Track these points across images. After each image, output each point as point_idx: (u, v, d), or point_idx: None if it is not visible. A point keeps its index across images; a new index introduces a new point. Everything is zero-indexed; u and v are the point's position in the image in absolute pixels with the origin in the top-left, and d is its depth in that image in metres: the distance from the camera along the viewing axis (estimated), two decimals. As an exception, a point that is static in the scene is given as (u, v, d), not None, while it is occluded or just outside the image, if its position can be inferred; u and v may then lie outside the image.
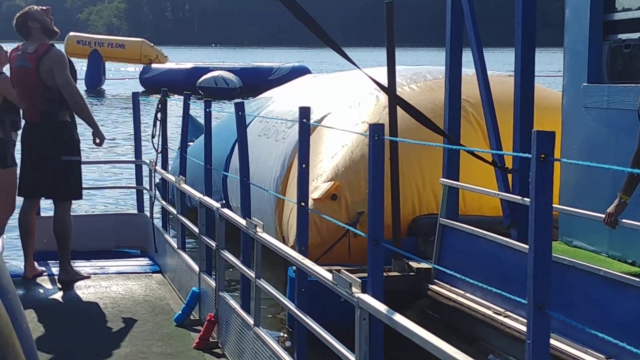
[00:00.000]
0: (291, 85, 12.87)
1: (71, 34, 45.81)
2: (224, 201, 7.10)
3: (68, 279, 8.59)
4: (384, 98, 9.69)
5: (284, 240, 8.77)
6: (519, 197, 6.78)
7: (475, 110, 9.03)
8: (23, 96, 8.40)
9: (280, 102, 11.44)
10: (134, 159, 10.64)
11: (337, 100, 10.14)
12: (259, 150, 9.89)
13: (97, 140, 8.64)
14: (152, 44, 46.83)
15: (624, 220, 5.71)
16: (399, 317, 3.96)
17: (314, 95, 10.88)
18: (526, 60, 7.26)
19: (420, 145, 7.59)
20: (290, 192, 9.25)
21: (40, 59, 8.32)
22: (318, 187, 8.71)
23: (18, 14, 8.66)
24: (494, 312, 6.77)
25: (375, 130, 4.25)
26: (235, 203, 10.00)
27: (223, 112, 11.22)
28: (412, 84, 9.86)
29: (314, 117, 8.95)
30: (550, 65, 45.65)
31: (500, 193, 7.25)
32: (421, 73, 10.27)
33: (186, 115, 9.38)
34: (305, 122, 5.58)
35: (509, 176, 7.30)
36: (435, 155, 8.79)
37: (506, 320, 6.59)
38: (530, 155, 3.26)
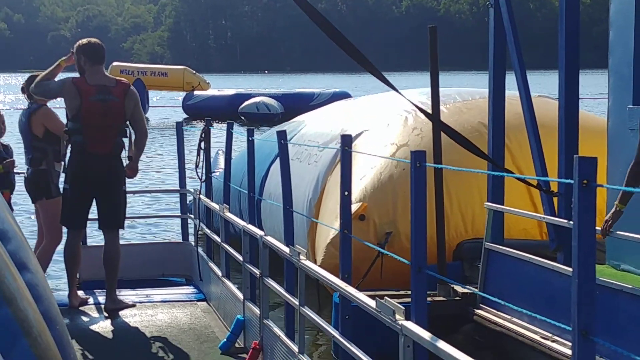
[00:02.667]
0: (322, 110, 12.94)
1: (115, 63, 46.36)
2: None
3: (114, 307, 8.62)
4: (412, 120, 9.69)
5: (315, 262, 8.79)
6: (565, 221, 6.72)
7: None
8: (101, 127, 8.34)
9: (312, 125, 11.49)
10: (178, 188, 10.69)
11: (366, 123, 10.17)
12: (291, 174, 9.94)
13: (130, 173, 8.69)
14: (194, 72, 47.18)
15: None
16: (442, 344, 3.93)
17: (344, 118, 10.93)
18: (570, 83, 7.18)
19: (448, 170, 7.58)
20: (322, 215, 9.27)
21: (126, 93, 8.43)
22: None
23: (100, 43, 8.62)
24: (541, 337, 6.69)
25: (417, 157, 4.23)
26: (270, 225, 10.01)
27: (267, 140, 11.21)
28: (441, 106, 9.85)
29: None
30: (594, 88, 45.31)
31: (545, 216, 7.19)
32: (450, 95, 10.25)
33: (229, 144, 9.42)
34: (347, 150, 5.57)
35: (555, 199, 7.24)
36: (466, 179, 8.80)
37: (553, 345, 6.51)
38: (572, 182, 3.23)
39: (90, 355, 7.31)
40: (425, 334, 4.09)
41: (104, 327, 8.24)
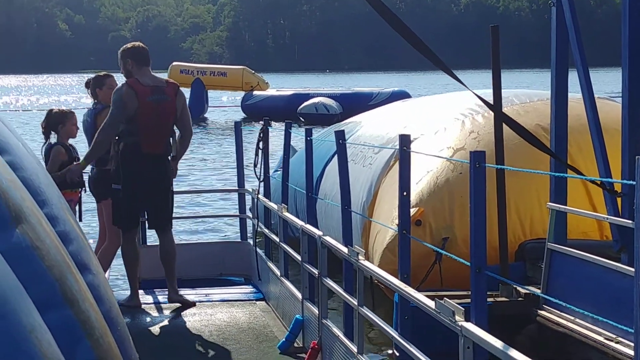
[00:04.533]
0: (379, 111, 12.91)
1: (174, 63, 46.72)
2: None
3: (177, 298, 8.72)
4: (469, 123, 9.62)
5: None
6: (629, 221, 6.61)
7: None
8: (156, 128, 8.41)
9: (368, 127, 11.46)
10: (237, 188, 10.72)
11: (422, 126, 10.11)
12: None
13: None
14: (253, 71, 47.34)
15: None
16: (502, 346, 3.88)
17: (400, 121, 10.87)
18: (634, 80, 7.05)
19: (506, 173, 7.51)
20: (376, 216, 9.25)
21: (177, 93, 8.56)
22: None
23: (144, 46, 8.73)
24: (605, 338, 6.59)
25: (476, 157, 4.19)
26: (325, 225, 9.99)
27: (325, 140, 11.20)
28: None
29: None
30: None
31: (609, 217, 7.08)
32: (508, 97, 10.15)
33: (287, 144, 9.43)
34: (406, 150, 5.54)
35: (618, 199, 7.13)
36: (524, 182, 8.71)
37: (618, 346, 6.42)
38: (635, 183, 3.17)
39: (151, 355, 7.36)
40: (485, 335, 4.05)
41: (163, 326, 8.30)
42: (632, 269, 6.19)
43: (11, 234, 2.39)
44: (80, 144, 9.24)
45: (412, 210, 8.63)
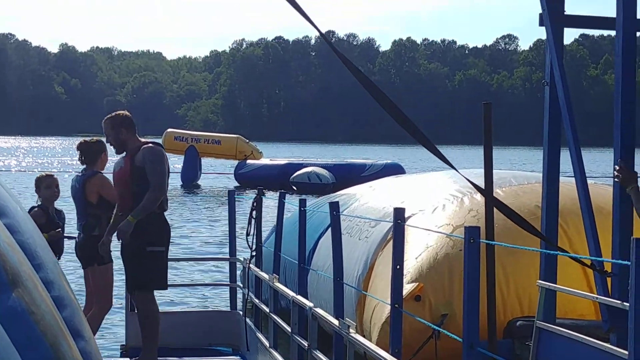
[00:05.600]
0: (375, 184, 12.95)
1: (169, 130, 46.98)
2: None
3: None
4: (468, 201, 9.69)
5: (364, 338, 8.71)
6: (619, 302, 6.61)
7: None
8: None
9: (364, 200, 11.49)
10: (228, 256, 10.71)
11: (421, 202, 10.17)
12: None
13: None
14: (247, 140, 47.57)
15: None
16: None
17: (397, 196, 10.91)
18: (625, 161, 7.12)
19: (506, 249, 7.53)
20: (372, 290, 9.23)
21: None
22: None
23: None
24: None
25: (470, 233, 4.22)
26: (316, 297, 9.97)
27: (318, 211, 11.22)
28: (497, 189, 9.83)
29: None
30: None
31: (599, 297, 7.08)
32: (506, 178, 10.27)
33: (281, 214, 9.45)
34: (400, 223, 5.57)
35: (608, 280, 7.14)
36: (523, 260, 8.74)
37: None
38: (629, 263, 3.19)
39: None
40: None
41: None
42: (621, 350, 6.19)
43: (7, 298, 2.40)
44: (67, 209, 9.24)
45: (412, 286, 8.64)
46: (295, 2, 4.16)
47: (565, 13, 7.79)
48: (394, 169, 39.54)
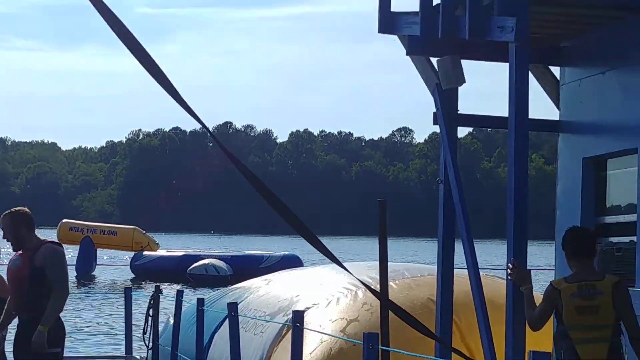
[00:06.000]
0: (270, 277, 12.96)
1: (64, 221, 46.28)
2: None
3: None
4: (362, 295, 9.75)
5: None
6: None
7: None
8: None
9: (259, 294, 11.48)
10: (124, 355, 10.55)
11: (315, 295, 10.21)
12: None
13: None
14: (144, 231, 47.13)
15: None
16: None
17: (292, 290, 10.93)
18: (518, 254, 7.17)
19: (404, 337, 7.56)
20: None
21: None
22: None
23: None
24: None
25: (369, 339, 4.27)
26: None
27: (213, 310, 11.12)
28: (390, 282, 9.90)
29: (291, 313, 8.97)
30: (542, 260, 45.49)
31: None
32: (399, 271, 10.40)
33: (178, 313, 9.37)
34: (299, 327, 5.60)
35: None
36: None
37: None
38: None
39: None
40: None
41: None
42: None
43: None
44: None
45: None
46: (182, 99, 4.18)
47: (458, 112, 8.01)
48: (292, 261, 39.61)
